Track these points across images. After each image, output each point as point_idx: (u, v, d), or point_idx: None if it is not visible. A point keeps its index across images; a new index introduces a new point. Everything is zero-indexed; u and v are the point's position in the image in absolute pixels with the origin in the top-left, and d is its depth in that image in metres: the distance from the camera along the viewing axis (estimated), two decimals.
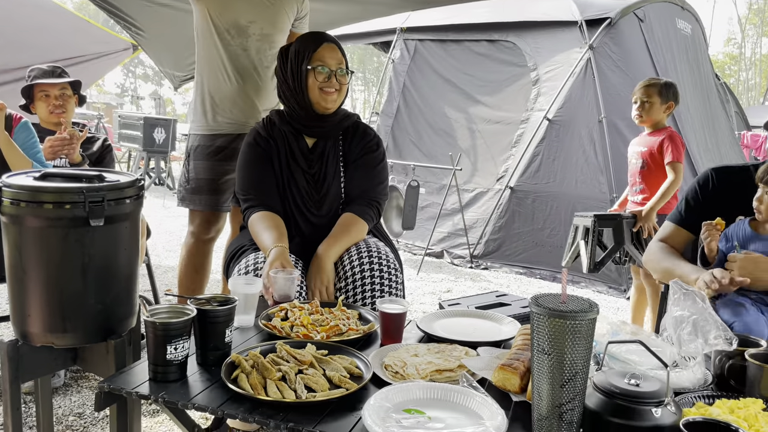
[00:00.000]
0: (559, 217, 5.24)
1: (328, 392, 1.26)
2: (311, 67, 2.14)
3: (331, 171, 2.24)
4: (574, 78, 5.36)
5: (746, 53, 40.69)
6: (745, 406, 1.20)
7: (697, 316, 1.40)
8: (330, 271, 2.03)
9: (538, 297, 1.13)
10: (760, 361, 1.28)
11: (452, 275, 5.19)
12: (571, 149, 5.32)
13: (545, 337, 1.08)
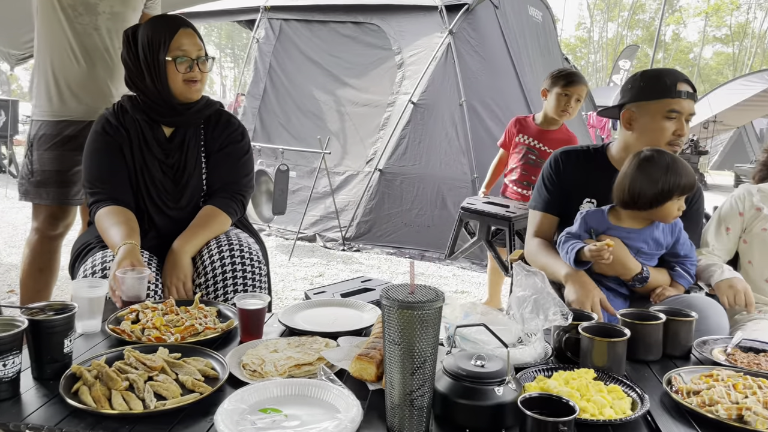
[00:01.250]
0: (425, 197, 5.42)
1: (179, 399, 1.21)
2: (171, 57, 2.01)
3: (192, 161, 2.14)
4: (436, 62, 5.53)
5: (594, 37, 44.22)
6: (579, 377, 1.31)
7: (538, 295, 1.50)
8: (186, 266, 1.94)
9: (389, 289, 1.16)
10: (592, 333, 1.40)
11: (325, 259, 5.20)
12: (435, 132, 5.50)
13: (395, 328, 1.11)
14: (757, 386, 1.27)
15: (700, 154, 13.31)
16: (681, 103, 1.90)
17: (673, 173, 1.77)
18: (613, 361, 1.38)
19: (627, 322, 1.50)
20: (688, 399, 1.24)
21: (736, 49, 37.67)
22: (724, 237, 2.14)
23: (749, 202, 2.12)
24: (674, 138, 1.92)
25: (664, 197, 1.78)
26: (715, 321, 1.70)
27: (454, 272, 4.93)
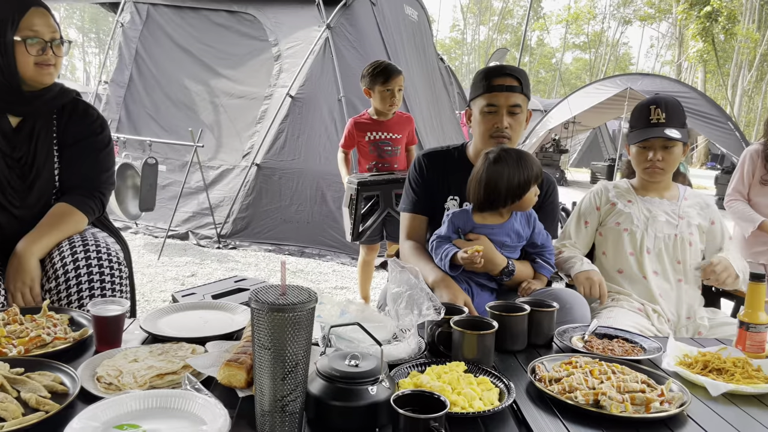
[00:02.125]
0: (305, 193, 5.35)
1: (20, 420, 1.08)
2: (20, 38, 1.80)
3: (42, 155, 1.93)
4: (314, 56, 5.47)
5: (468, 39, 46.16)
6: (451, 370, 1.34)
7: (412, 290, 1.51)
8: (33, 269, 1.75)
9: (258, 291, 1.10)
10: (462, 327, 1.44)
11: (198, 257, 4.98)
12: (314, 126, 5.44)
13: (265, 332, 1.06)
14: (611, 371, 1.36)
15: (561, 152, 14.33)
16: (497, 96, 1.98)
17: (524, 167, 1.87)
18: (482, 353, 1.42)
19: (495, 315, 1.55)
20: (551, 387, 1.30)
21: (592, 56, 40.99)
22: (583, 230, 2.29)
23: (605, 198, 2.27)
24: (495, 131, 2.00)
25: (522, 190, 1.88)
26: (580, 312, 1.81)
27: (333, 268, 4.91)
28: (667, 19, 32.07)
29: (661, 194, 2.23)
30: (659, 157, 2.11)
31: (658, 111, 2.10)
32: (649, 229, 2.15)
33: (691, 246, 2.14)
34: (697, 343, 1.71)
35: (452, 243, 1.94)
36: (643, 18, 34.09)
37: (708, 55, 23.92)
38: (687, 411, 1.24)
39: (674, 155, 2.12)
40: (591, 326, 1.70)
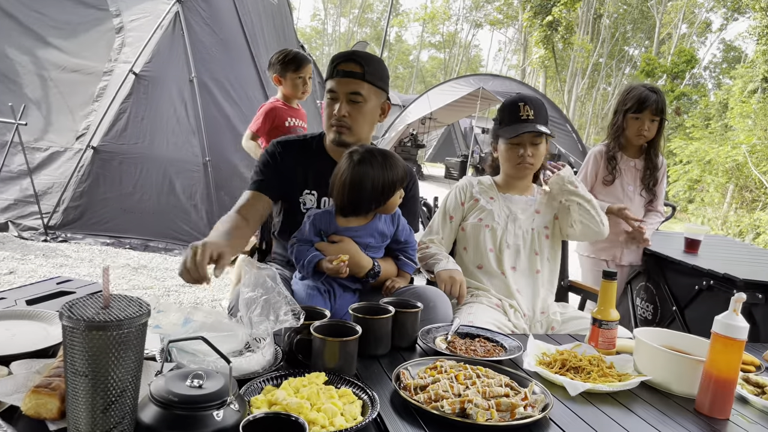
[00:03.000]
0: (150, 181, 4.92)
1: None
2: None
3: None
4: (162, 31, 5.03)
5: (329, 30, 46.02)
6: (310, 383, 1.21)
7: (268, 294, 1.36)
8: None
9: (73, 304, 0.89)
10: (323, 333, 1.31)
11: (19, 252, 4.36)
12: (162, 108, 5.01)
13: (81, 355, 0.85)
14: (475, 375, 1.31)
15: (419, 147, 14.74)
16: (335, 82, 1.87)
17: (389, 169, 1.76)
18: (344, 360, 1.31)
19: (358, 318, 1.44)
20: (416, 396, 1.21)
21: (446, 56, 42.79)
22: (448, 225, 2.27)
23: (469, 193, 2.27)
24: (334, 119, 1.88)
25: (388, 194, 1.78)
26: (442, 310, 1.76)
27: None
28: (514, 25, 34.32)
29: (521, 191, 2.27)
30: (529, 152, 2.14)
31: (526, 108, 2.13)
32: (509, 225, 2.18)
33: (548, 239, 2.21)
34: (553, 339, 1.74)
35: (314, 246, 1.80)
36: (492, 23, 36.17)
37: (548, 62, 25.97)
38: (549, 414, 1.21)
39: (541, 151, 2.18)
40: (454, 326, 1.66)
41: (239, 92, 5.24)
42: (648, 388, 1.43)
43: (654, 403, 1.36)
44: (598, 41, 29.07)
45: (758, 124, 11.35)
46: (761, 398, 1.42)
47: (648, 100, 2.72)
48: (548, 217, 2.23)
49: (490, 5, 36.37)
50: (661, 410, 1.33)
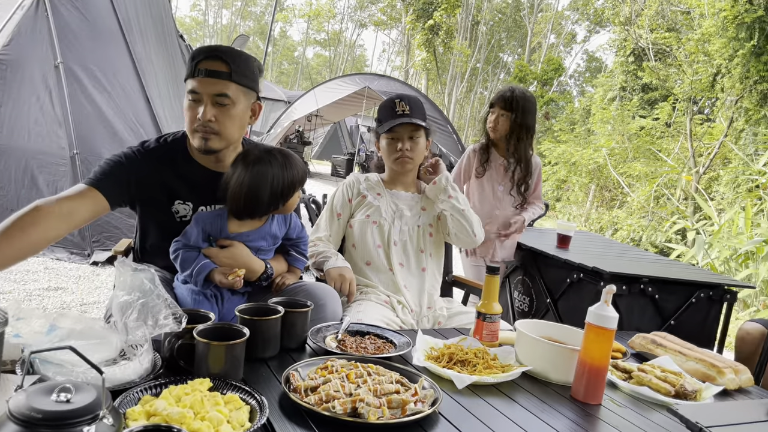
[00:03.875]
0: (8, 175, 4.46)
1: None
2: None
3: None
4: (23, 11, 4.58)
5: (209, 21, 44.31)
6: (193, 390, 1.14)
7: (146, 298, 1.27)
8: None
9: None
10: (207, 337, 1.24)
11: None
12: (23, 95, 4.57)
13: None
14: (366, 373, 1.30)
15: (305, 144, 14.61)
16: (197, 82, 1.67)
17: (289, 169, 1.69)
18: (231, 364, 1.25)
19: (246, 320, 1.39)
20: (307, 398, 1.18)
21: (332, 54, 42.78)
22: (336, 223, 2.25)
23: (356, 190, 2.27)
24: (197, 123, 1.68)
25: (287, 195, 1.71)
26: (332, 308, 1.74)
27: (46, 265, 4.19)
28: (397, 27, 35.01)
29: (407, 188, 2.30)
30: (407, 146, 2.18)
31: (402, 104, 2.19)
32: (396, 222, 2.21)
33: (431, 236, 2.25)
34: (440, 334, 1.77)
35: (202, 253, 1.69)
36: (377, 23, 36.65)
37: (430, 65, 26.74)
38: (439, 408, 1.23)
39: (420, 146, 2.21)
40: (344, 324, 1.64)
41: (112, 81, 4.89)
42: (529, 378, 1.50)
43: (534, 392, 1.43)
44: (475, 47, 30.38)
45: (616, 129, 12.40)
46: (629, 383, 1.53)
47: (500, 96, 3.00)
48: (433, 215, 2.28)
49: (374, 6, 36.83)
50: (541, 398, 1.40)
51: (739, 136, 9.58)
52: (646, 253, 3.59)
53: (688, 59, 11.22)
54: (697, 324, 2.61)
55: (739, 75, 9.25)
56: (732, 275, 6.19)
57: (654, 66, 12.64)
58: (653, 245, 9.02)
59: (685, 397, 1.48)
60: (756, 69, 8.96)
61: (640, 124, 12.13)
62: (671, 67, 12.46)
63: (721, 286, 2.61)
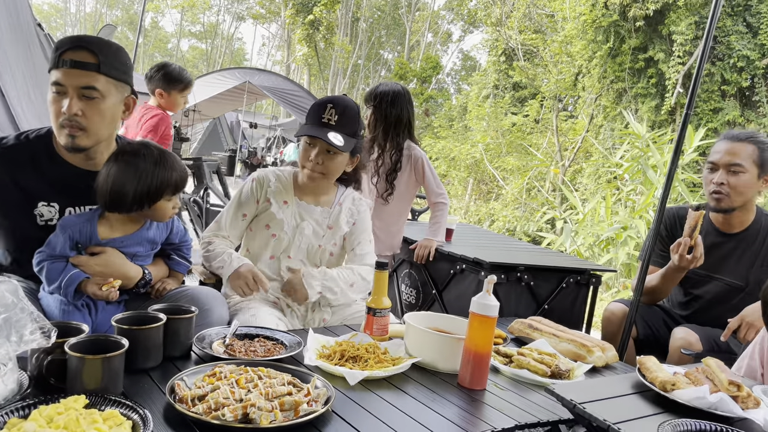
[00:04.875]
0: None
1: None
2: None
3: None
4: None
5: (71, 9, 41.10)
6: (67, 409, 1.06)
7: (8, 313, 1.15)
8: None
9: None
10: (81, 351, 1.16)
11: None
12: None
13: None
14: (257, 377, 1.27)
15: (182, 140, 13.98)
16: (62, 73, 1.56)
17: (163, 167, 1.60)
18: (108, 379, 1.17)
19: (124, 330, 1.31)
20: (195, 408, 1.14)
21: (209, 47, 41.27)
22: (239, 223, 2.08)
23: (264, 192, 2.06)
24: (62, 117, 1.57)
25: (156, 195, 1.61)
26: (218, 312, 1.68)
27: None
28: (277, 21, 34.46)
29: (317, 199, 2.11)
30: (320, 160, 1.97)
31: (332, 111, 1.95)
32: (296, 238, 2.05)
33: (332, 256, 2.14)
34: (331, 332, 1.77)
35: (70, 262, 1.56)
36: (255, 17, 35.81)
37: (312, 60, 26.61)
38: (332, 406, 1.24)
39: (336, 162, 2.00)
40: (232, 328, 1.59)
41: None
42: (418, 369, 1.54)
43: (424, 382, 1.47)
44: (356, 43, 30.64)
45: (491, 126, 13.04)
46: (510, 367, 1.62)
47: (368, 93, 3.05)
48: (339, 235, 2.13)
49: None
50: (430, 388, 1.44)
51: (599, 131, 10.43)
52: (521, 243, 3.82)
53: (553, 60, 12.03)
54: (568, 307, 2.81)
55: (598, 75, 10.06)
56: (595, 260, 6.74)
57: (523, 66, 13.42)
58: (526, 234, 9.60)
59: (560, 376, 1.59)
60: (612, 69, 9.80)
61: (512, 120, 12.84)
62: (538, 66, 13.28)
63: (587, 271, 2.84)
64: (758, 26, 8.58)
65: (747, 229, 2.34)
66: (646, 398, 1.40)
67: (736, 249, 2.35)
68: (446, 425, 1.26)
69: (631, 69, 9.58)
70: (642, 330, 2.43)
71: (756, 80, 8.67)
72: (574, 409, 1.28)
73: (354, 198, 2.18)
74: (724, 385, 1.37)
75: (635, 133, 7.44)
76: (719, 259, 2.35)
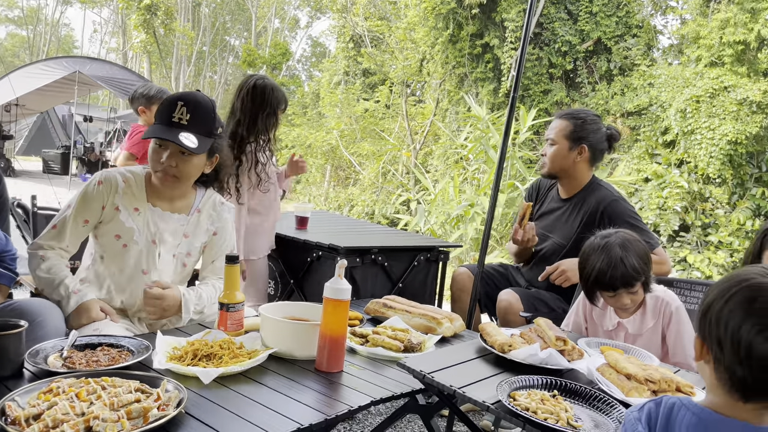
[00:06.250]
0: None
1: None
2: None
3: None
4: None
5: None
6: None
7: None
8: None
9: None
10: None
11: None
12: None
13: None
14: (101, 388, 1.20)
15: (5, 138, 12.60)
16: None
17: None
18: None
19: None
20: (29, 428, 1.05)
21: (31, 33, 37.25)
22: (80, 230, 1.85)
23: (112, 197, 1.84)
24: None
25: None
26: (53, 324, 1.55)
27: None
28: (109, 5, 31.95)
29: (173, 205, 1.92)
30: (173, 163, 1.78)
31: (183, 110, 1.77)
32: (152, 248, 1.87)
33: (185, 267, 1.98)
34: (182, 332, 1.72)
35: None
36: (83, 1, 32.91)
37: (151, 47, 25.03)
38: (185, 408, 1.20)
39: (192, 165, 1.83)
40: (70, 338, 1.48)
41: None
42: (276, 359, 1.54)
43: (282, 372, 1.47)
44: (200, 29, 29.33)
45: (344, 112, 13.19)
46: (366, 346, 1.68)
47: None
48: (196, 246, 1.97)
49: None
50: (289, 377, 1.45)
51: (445, 114, 10.95)
52: (378, 226, 3.93)
53: (399, 46, 12.40)
54: (420, 283, 2.95)
55: (441, 61, 10.54)
56: (447, 237, 7.12)
57: (371, 52, 13.69)
58: (385, 217, 9.88)
59: (412, 350, 1.67)
60: (453, 55, 10.30)
61: (364, 106, 13.08)
62: (386, 53, 13.62)
63: (435, 248, 2.99)
64: (577, 13, 9.47)
65: (575, 196, 2.65)
66: (488, 361, 1.53)
67: (566, 212, 2.66)
68: (304, 410, 1.27)
69: (470, 55, 10.14)
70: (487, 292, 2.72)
71: (578, 63, 9.57)
72: (424, 379, 1.36)
73: (215, 202, 2.00)
74: (553, 342, 1.52)
75: (476, 116, 7.91)
76: (554, 221, 2.69)
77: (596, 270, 1.82)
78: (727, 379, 0.89)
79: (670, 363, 1.84)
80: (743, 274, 0.92)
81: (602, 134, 2.62)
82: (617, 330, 1.95)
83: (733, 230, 7.16)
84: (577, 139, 2.57)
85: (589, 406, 1.32)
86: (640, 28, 9.21)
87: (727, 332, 0.88)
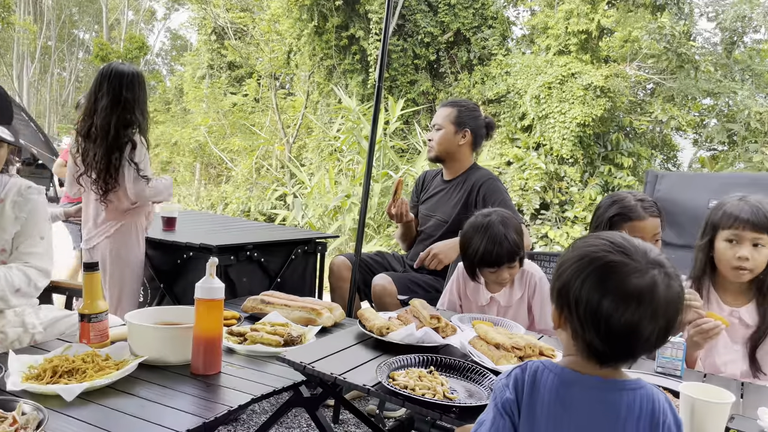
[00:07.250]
0: None
1: None
2: None
3: None
4: None
5: None
6: None
7: None
8: None
9: None
10: None
11: None
12: None
13: None
14: None
15: None
16: None
17: None
18: None
19: None
20: None
21: None
22: None
23: None
24: None
25: None
26: None
27: None
28: None
29: None
30: None
31: None
32: None
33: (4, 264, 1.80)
34: (40, 349, 1.58)
35: None
36: None
37: None
38: (46, 430, 1.11)
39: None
40: None
41: None
42: (148, 368, 1.46)
43: (154, 380, 1.40)
44: (43, 23, 26.87)
45: (211, 107, 12.71)
46: (244, 345, 1.64)
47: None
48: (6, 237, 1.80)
49: None
50: (162, 384, 1.38)
51: (316, 107, 10.90)
52: (254, 222, 3.84)
53: (264, 38, 12.14)
54: (299, 277, 2.93)
55: (308, 53, 10.46)
56: (326, 229, 7.13)
57: (235, 44, 13.28)
58: (261, 213, 9.68)
59: (292, 343, 1.66)
60: (320, 47, 10.26)
61: (232, 100, 12.68)
62: (251, 45, 13.28)
63: (313, 240, 2.99)
64: (437, 5, 9.79)
65: (456, 178, 2.80)
66: (368, 345, 1.55)
67: (448, 192, 2.80)
68: (181, 417, 1.22)
69: (337, 46, 10.15)
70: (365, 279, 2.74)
71: (441, 54, 9.92)
72: (305, 370, 1.35)
73: (20, 188, 1.84)
74: (427, 320, 1.58)
75: (347, 108, 7.96)
76: (437, 201, 2.82)
77: (482, 248, 1.91)
78: (585, 349, 0.97)
79: (536, 330, 1.98)
80: (593, 251, 0.99)
81: (482, 121, 2.81)
82: (491, 304, 2.06)
83: (587, 205, 7.81)
84: (460, 123, 2.74)
85: (463, 378, 1.39)
86: (495, 20, 9.71)
87: (587, 311, 0.96)
